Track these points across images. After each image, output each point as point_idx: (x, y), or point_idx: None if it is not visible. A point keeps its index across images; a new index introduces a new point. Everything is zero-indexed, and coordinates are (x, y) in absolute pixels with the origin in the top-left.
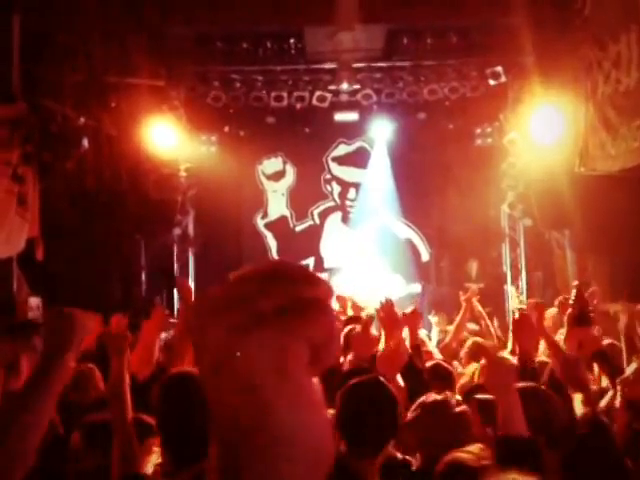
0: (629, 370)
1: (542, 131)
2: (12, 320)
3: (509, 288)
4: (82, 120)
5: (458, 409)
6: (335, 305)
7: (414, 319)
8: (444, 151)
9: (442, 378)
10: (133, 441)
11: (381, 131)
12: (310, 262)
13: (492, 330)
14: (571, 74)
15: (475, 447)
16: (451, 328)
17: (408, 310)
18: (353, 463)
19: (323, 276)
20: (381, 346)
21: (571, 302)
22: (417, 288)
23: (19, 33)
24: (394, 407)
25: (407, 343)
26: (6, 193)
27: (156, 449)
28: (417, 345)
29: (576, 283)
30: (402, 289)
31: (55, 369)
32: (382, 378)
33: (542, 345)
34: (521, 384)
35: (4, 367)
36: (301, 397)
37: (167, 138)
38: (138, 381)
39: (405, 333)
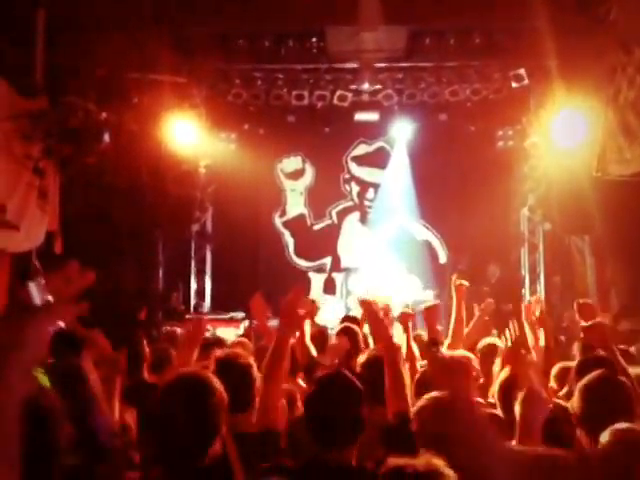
0: None
1: (564, 135)
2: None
3: (527, 292)
4: (104, 115)
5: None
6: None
7: (432, 314)
8: (465, 153)
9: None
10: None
11: (401, 132)
12: (327, 261)
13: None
14: (594, 79)
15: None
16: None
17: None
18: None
19: (339, 276)
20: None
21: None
22: (430, 295)
23: (44, 27)
24: (358, 401)
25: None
26: (27, 186)
27: None
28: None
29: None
30: (418, 292)
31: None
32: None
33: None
34: None
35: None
36: None
37: (187, 135)
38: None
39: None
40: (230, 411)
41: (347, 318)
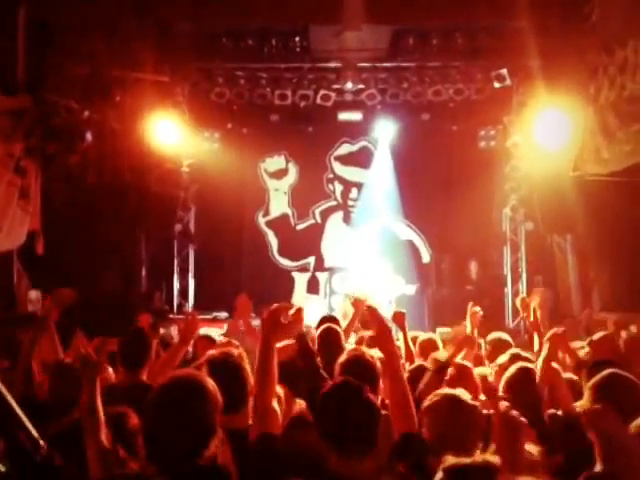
0: None
1: (546, 135)
2: (13, 312)
3: (509, 291)
4: (86, 114)
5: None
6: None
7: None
8: (447, 153)
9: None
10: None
11: (385, 131)
12: (310, 261)
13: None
14: (577, 79)
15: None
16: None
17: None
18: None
19: (323, 275)
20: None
21: None
22: (411, 290)
23: (25, 26)
24: (371, 412)
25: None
26: (8, 185)
27: None
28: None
29: None
30: (400, 290)
31: None
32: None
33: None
34: None
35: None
36: None
37: (170, 134)
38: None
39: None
40: (223, 412)
41: (327, 319)
